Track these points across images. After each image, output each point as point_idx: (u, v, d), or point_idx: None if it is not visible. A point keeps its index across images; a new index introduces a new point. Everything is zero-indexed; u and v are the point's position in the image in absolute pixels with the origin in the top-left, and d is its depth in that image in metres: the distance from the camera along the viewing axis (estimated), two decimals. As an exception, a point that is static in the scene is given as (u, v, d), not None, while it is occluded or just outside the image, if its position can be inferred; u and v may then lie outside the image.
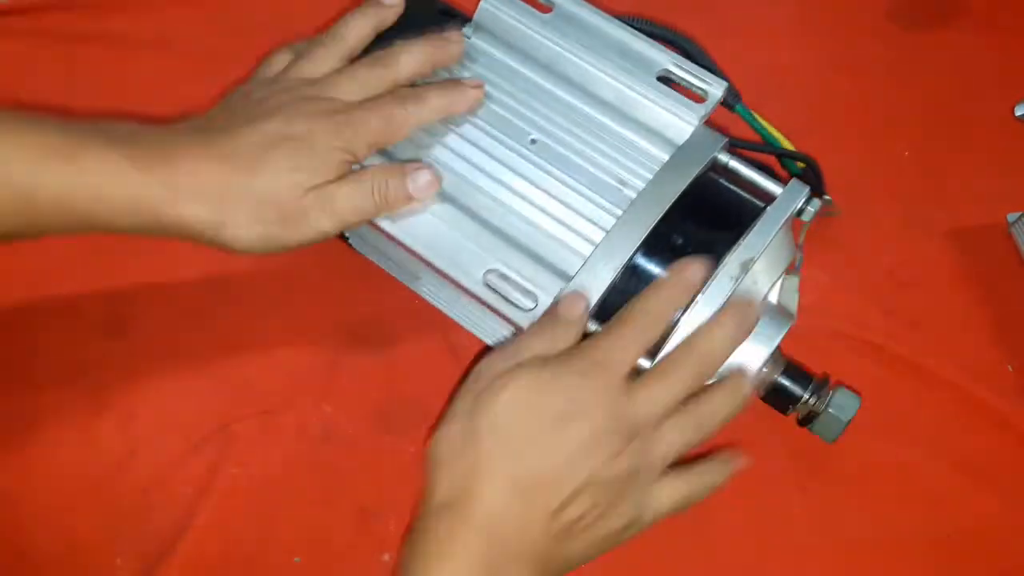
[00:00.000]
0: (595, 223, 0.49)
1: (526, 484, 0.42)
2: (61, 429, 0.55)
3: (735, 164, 0.51)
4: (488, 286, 0.47)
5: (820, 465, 0.56)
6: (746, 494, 0.48)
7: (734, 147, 0.53)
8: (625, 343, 0.45)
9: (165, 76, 0.68)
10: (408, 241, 0.48)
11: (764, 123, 0.59)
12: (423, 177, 0.48)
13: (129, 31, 0.69)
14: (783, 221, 0.48)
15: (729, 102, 0.58)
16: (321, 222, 0.47)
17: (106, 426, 0.55)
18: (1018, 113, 0.66)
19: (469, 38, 0.54)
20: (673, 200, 0.48)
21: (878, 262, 0.62)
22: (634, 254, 0.47)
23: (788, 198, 0.49)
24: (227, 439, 0.55)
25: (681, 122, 0.51)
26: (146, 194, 0.45)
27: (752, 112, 0.58)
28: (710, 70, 0.56)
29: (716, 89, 0.51)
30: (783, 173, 0.62)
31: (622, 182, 0.50)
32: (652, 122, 0.51)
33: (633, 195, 0.49)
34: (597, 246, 0.47)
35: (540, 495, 0.42)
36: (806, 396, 0.50)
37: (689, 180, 0.48)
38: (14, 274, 0.60)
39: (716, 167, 0.52)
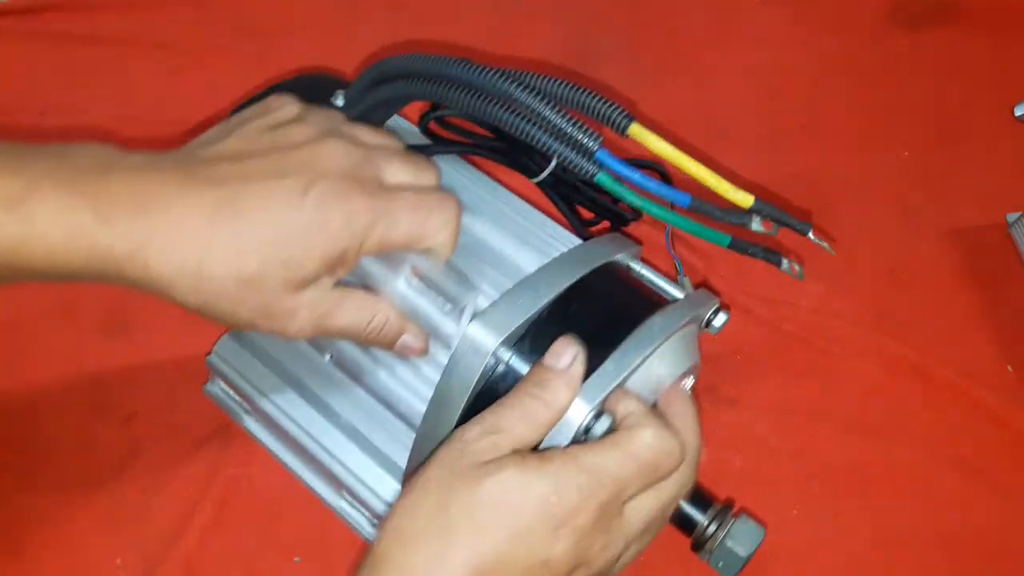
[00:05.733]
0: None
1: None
2: (61, 429, 0.55)
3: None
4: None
5: (819, 465, 0.56)
6: (746, 494, 0.48)
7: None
8: (627, 468, 0.38)
9: (165, 76, 0.68)
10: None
11: (663, 146, 0.39)
12: (414, 343, 0.43)
13: (129, 32, 0.69)
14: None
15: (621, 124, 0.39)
16: (304, 327, 0.40)
17: (106, 426, 0.55)
18: (1018, 113, 0.66)
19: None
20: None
21: (878, 262, 0.62)
22: None
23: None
24: (227, 439, 0.55)
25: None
26: (108, 246, 0.37)
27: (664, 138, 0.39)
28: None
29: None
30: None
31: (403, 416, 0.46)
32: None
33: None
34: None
35: None
36: (705, 522, 0.44)
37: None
38: (14, 274, 0.60)
39: None
